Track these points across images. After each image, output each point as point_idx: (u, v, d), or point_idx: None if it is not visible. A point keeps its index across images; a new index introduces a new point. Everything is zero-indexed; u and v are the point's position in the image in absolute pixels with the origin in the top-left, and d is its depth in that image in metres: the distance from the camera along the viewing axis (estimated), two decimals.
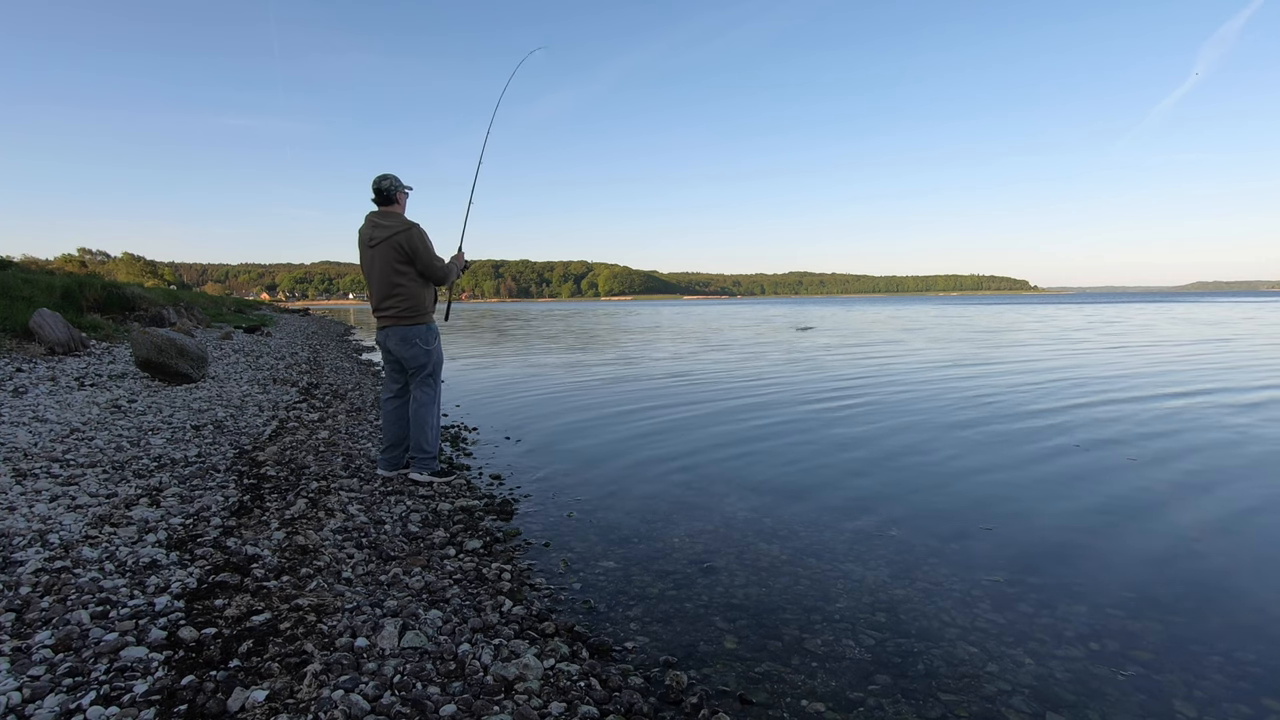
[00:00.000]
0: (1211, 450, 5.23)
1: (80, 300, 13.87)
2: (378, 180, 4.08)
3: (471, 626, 2.41)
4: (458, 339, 21.25)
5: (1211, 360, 11.50)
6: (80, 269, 41.78)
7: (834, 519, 3.80)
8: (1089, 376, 9.59)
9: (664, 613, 2.72)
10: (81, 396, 6.22)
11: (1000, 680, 2.25)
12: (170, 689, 1.86)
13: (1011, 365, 11.28)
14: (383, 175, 4.08)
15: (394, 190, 4.08)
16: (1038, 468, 4.82)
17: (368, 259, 4.09)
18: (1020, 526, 3.67)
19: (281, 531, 3.14)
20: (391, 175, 4.10)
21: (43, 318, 9.24)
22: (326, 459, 4.62)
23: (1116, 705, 2.12)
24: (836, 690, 2.20)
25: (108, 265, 68.99)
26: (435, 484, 4.20)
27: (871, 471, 4.78)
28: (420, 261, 4.05)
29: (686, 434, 6.06)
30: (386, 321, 4.14)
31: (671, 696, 2.14)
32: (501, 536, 3.47)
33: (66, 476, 3.74)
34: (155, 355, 7.61)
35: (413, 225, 4.03)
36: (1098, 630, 2.57)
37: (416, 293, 4.10)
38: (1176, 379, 9.21)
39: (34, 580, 2.43)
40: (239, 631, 2.20)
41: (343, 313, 67.75)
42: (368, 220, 4.10)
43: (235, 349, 13.00)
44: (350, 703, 1.83)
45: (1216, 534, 3.54)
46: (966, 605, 2.77)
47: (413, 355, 4.15)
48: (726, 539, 3.51)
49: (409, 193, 4.20)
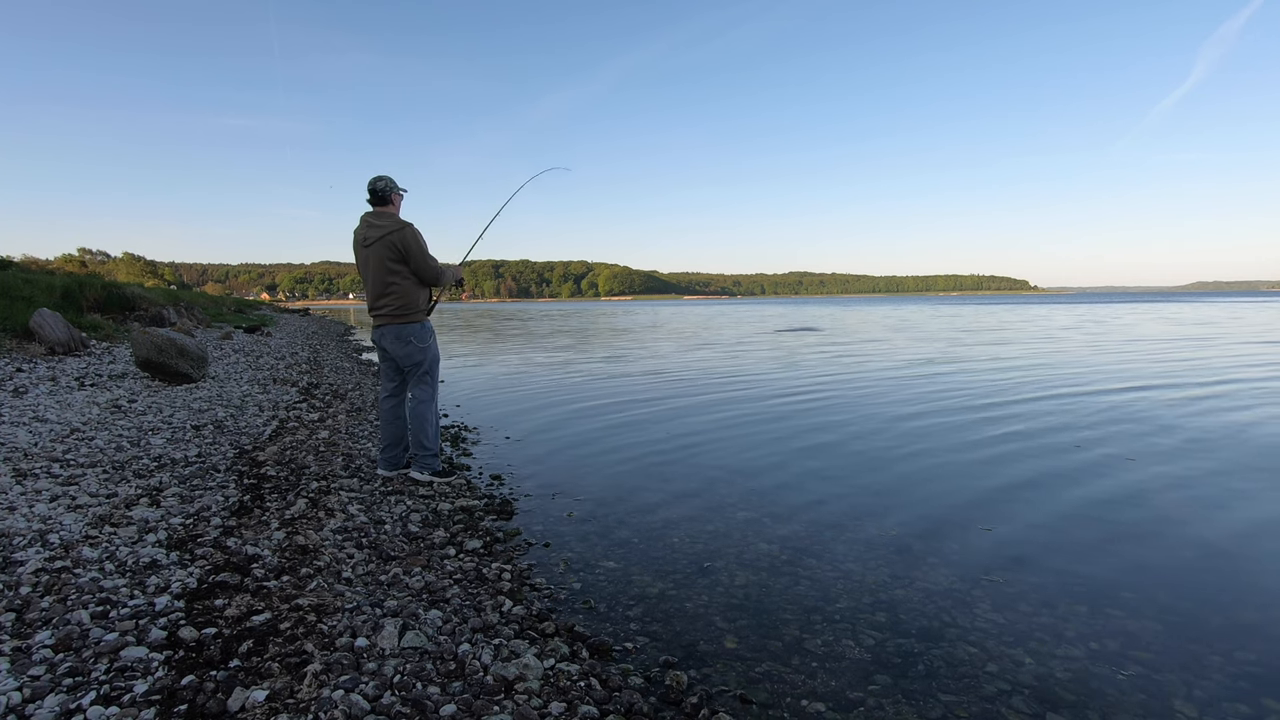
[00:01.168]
0: (1212, 448, 5.24)
1: (80, 300, 13.87)
2: (373, 181, 4.13)
3: (471, 626, 2.41)
4: (456, 339, 21.25)
5: (1182, 358, 11.67)
6: (80, 269, 41.78)
7: (834, 519, 3.80)
8: (1067, 373, 9.62)
9: (664, 613, 2.72)
10: (81, 396, 6.22)
11: (1000, 680, 2.25)
12: (170, 689, 1.86)
13: (1000, 362, 11.32)
14: (378, 176, 4.13)
15: (389, 191, 4.13)
16: (1038, 467, 4.82)
17: (362, 258, 4.13)
18: (1020, 526, 3.67)
19: (281, 531, 3.14)
20: (387, 177, 4.15)
21: (43, 318, 9.24)
22: (326, 459, 4.62)
23: (1116, 705, 2.12)
24: (836, 690, 2.20)
25: (108, 265, 69.00)
26: (435, 484, 4.21)
27: (871, 471, 4.78)
28: (413, 260, 4.08)
29: (687, 434, 6.06)
30: (382, 320, 4.18)
31: (671, 696, 2.14)
32: (501, 536, 3.47)
33: (67, 476, 3.74)
34: (155, 355, 7.61)
35: (406, 225, 4.07)
36: (1098, 630, 2.57)
37: (410, 291, 4.14)
38: (1142, 374, 9.23)
39: (34, 580, 2.43)
40: (239, 631, 2.20)
41: (343, 313, 67.75)
42: (362, 220, 4.15)
43: (235, 349, 12.99)
44: (350, 703, 1.83)
45: (1217, 534, 3.54)
46: (966, 605, 2.77)
47: (408, 353, 4.17)
48: (726, 539, 3.51)
49: (404, 194, 4.25)
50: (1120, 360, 11.84)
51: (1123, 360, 11.83)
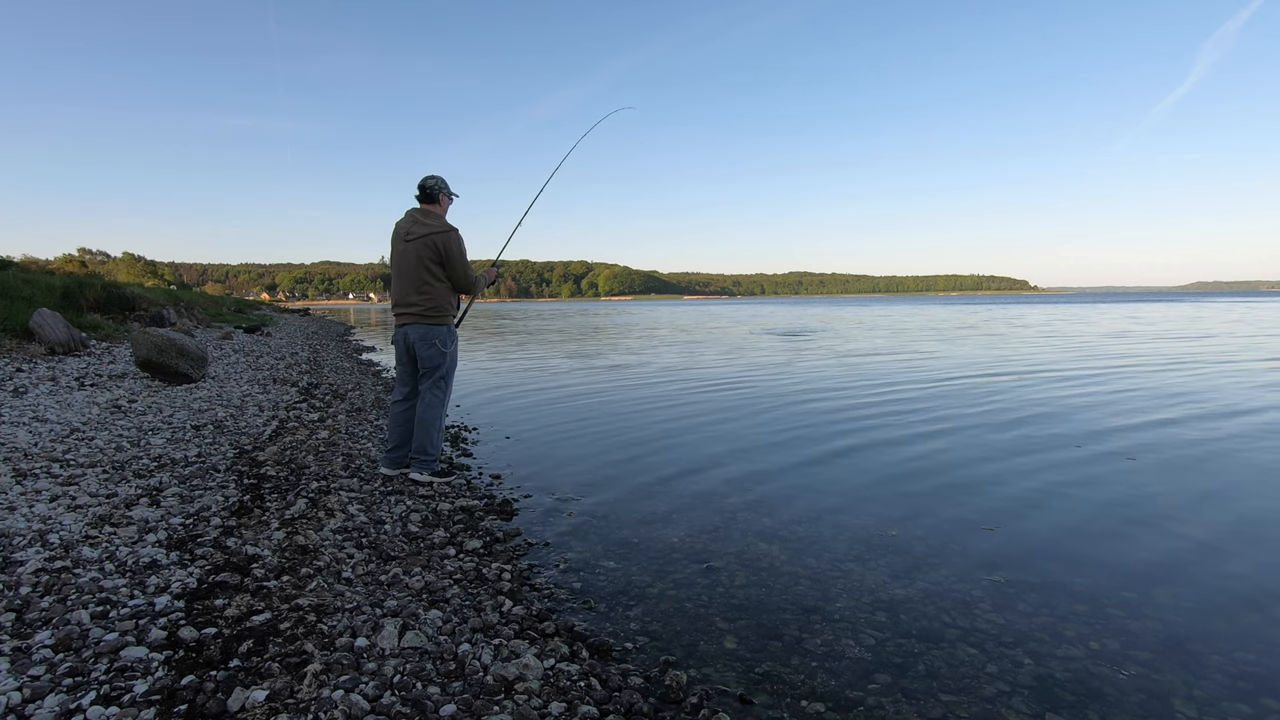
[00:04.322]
0: (1213, 448, 5.24)
1: (80, 300, 13.87)
2: (424, 179, 4.14)
3: (471, 626, 2.41)
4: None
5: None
6: (80, 269, 41.77)
7: (834, 519, 3.80)
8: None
9: (664, 613, 2.72)
10: (81, 396, 6.22)
11: (1000, 680, 2.25)
12: (170, 689, 1.86)
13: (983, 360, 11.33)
14: (430, 175, 4.16)
15: (438, 191, 4.13)
16: (1038, 467, 4.82)
17: (399, 252, 4.10)
18: (1020, 526, 3.67)
19: (281, 531, 3.14)
20: (438, 176, 4.17)
21: (43, 318, 9.24)
22: (326, 459, 4.62)
23: (1116, 705, 2.12)
24: (836, 690, 2.20)
25: (108, 265, 68.95)
26: (435, 484, 4.20)
27: (871, 472, 4.78)
28: (451, 266, 4.07)
29: (686, 434, 6.06)
30: (408, 319, 4.14)
31: (671, 696, 2.14)
32: (501, 536, 3.47)
33: (66, 476, 3.74)
34: (155, 355, 7.61)
35: (452, 229, 4.07)
36: (1098, 630, 2.57)
37: (443, 295, 4.13)
38: (1143, 374, 9.24)
39: (34, 580, 2.43)
40: (239, 631, 2.20)
41: (343, 313, 67.73)
42: (407, 215, 4.14)
43: (235, 349, 12.99)
44: (350, 703, 1.83)
45: (1218, 533, 3.54)
46: (966, 605, 2.77)
47: (430, 355, 4.15)
48: (726, 539, 3.51)
49: (455, 199, 4.27)
50: (1118, 362, 11.85)
51: (1120, 362, 11.85)
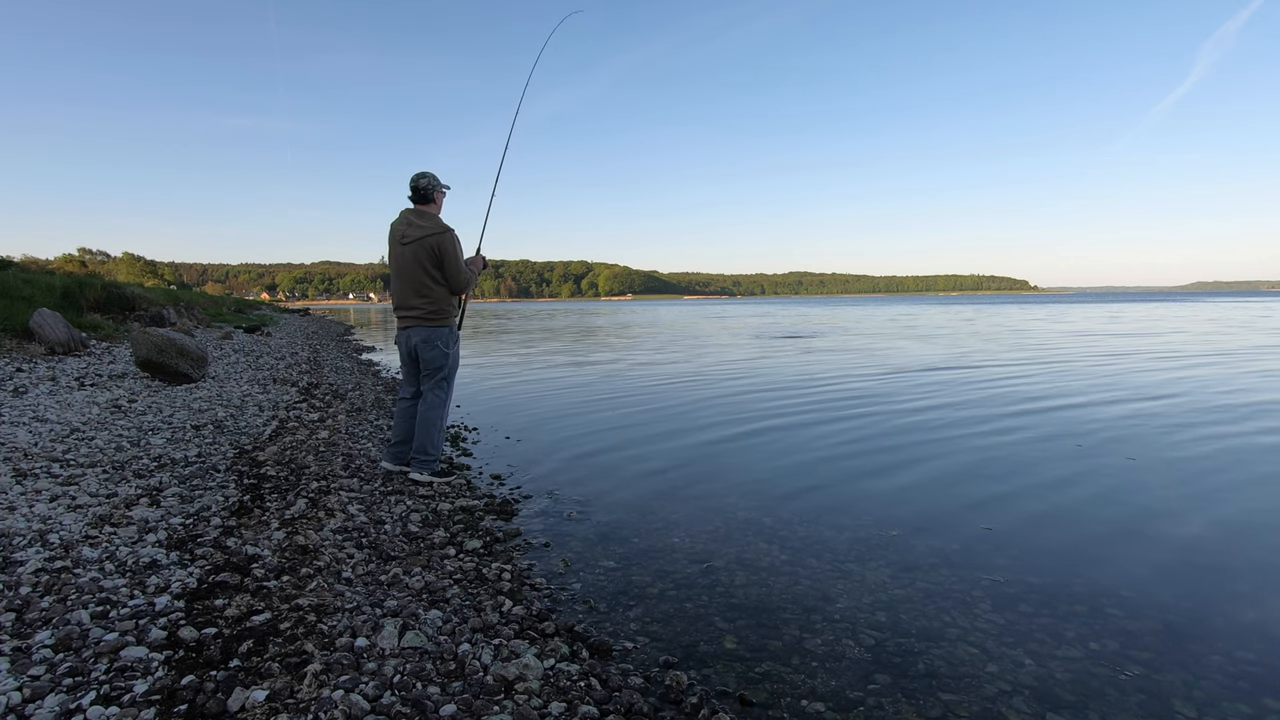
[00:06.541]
0: (1214, 449, 5.24)
1: (80, 300, 13.87)
2: (416, 178, 4.03)
3: (471, 626, 2.41)
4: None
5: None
6: (80, 269, 41.77)
7: (834, 519, 3.80)
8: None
9: (664, 613, 2.72)
10: (81, 396, 6.22)
11: (1000, 680, 2.25)
12: (170, 689, 1.86)
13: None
14: (421, 173, 4.04)
15: (431, 189, 4.04)
16: (1037, 467, 4.82)
17: (396, 254, 4.05)
18: (1020, 526, 3.67)
19: (281, 531, 3.14)
20: (430, 173, 4.05)
21: (43, 318, 9.24)
22: (326, 459, 4.62)
23: (1116, 705, 2.12)
24: (836, 690, 2.20)
25: (108, 265, 68.94)
26: (435, 484, 4.20)
27: (871, 471, 4.78)
28: (447, 268, 4.01)
29: (686, 434, 6.06)
30: (410, 321, 4.12)
31: (671, 696, 2.14)
32: (501, 536, 3.47)
33: (66, 476, 3.74)
34: (155, 355, 7.61)
35: (447, 230, 3.99)
36: (1098, 630, 2.57)
37: (443, 296, 4.08)
38: (1142, 374, 9.24)
39: (34, 580, 2.43)
40: (239, 631, 2.20)
41: (343, 313, 67.73)
42: (402, 216, 4.06)
43: (235, 349, 12.99)
44: (350, 703, 1.83)
45: (1218, 533, 3.54)
46: (966, 605, 2.77)
47: (432, 357, 4.13)
48: (726, 539, 3.51)
49: (447, 192, 4.16)
50: (1121, 363, 11.87)
51: (1123, 362, 11.88)
